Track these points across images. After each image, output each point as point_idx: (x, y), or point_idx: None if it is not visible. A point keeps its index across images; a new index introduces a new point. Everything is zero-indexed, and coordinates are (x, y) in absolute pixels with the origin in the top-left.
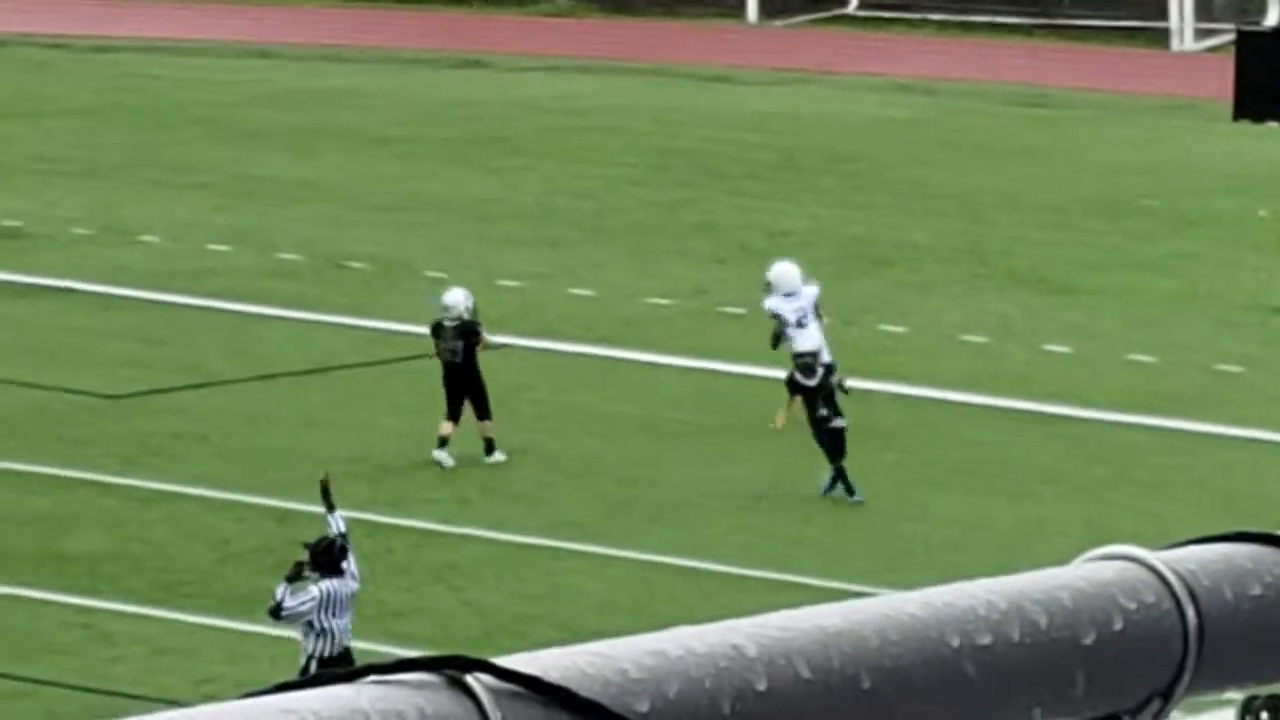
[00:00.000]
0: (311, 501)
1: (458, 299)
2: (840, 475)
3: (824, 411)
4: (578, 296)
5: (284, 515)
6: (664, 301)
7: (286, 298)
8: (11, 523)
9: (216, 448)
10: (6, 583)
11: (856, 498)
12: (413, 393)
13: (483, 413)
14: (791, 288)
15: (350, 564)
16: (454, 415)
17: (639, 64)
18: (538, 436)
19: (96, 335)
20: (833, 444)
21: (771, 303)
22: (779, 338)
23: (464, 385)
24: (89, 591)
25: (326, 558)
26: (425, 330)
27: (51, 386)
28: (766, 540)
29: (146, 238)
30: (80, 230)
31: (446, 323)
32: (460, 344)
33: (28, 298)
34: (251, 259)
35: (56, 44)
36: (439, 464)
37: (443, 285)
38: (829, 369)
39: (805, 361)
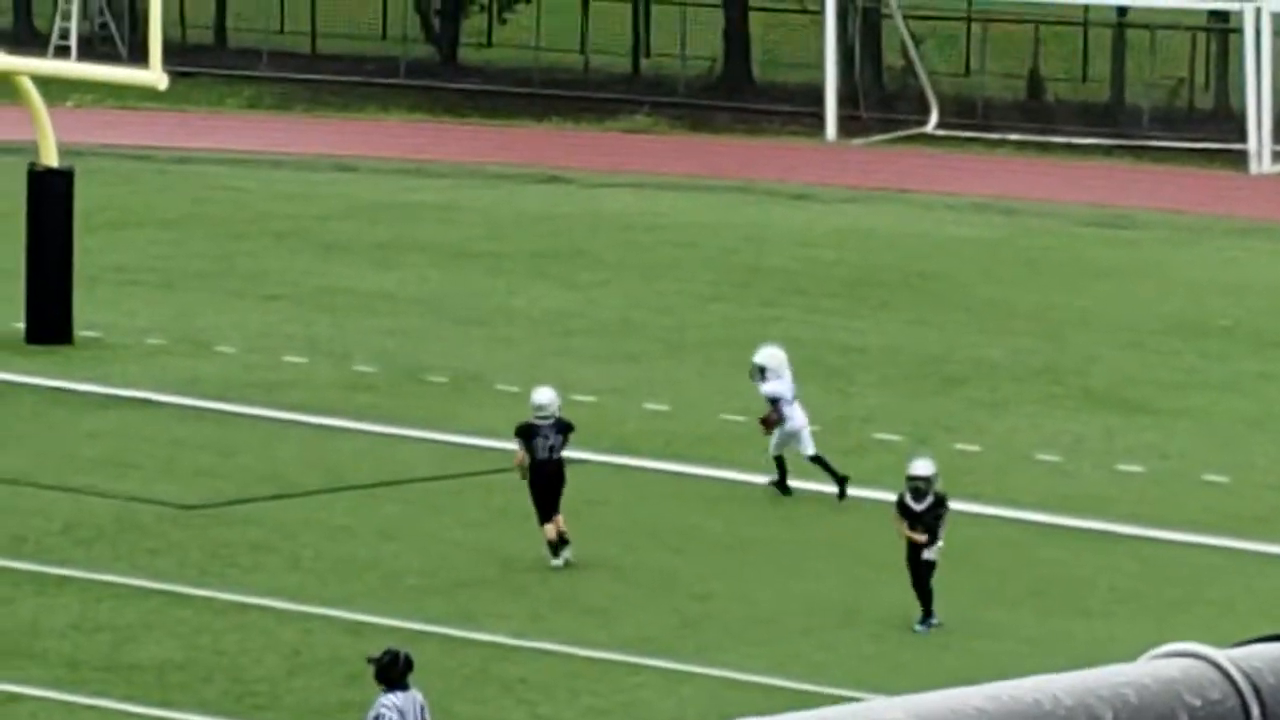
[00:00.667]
0: (384, 613)
1: (550, 396)
2: (924, 600)
3: (923, 538)
4: (654, 411)
5: (357, 627)
6: (740, 418)
7: (363, 410)
8: (83, 632)
9: (290, 559)
10: (77, 691)
11: (933, 621)
12: (485, 507)
13: (557, 509)
14: (783, 370)
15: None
16: (549, 516)
17: (719, 180)
18: (611, 551)
19: (175, 446)
20: (920, 573)
21: (772, 387)
22: (778, 422)
23: (554, 483)
24: (159, 702)
25: (390, 671)
26: (498, 445)
27: (130, 496)
28: (842, 659)
29: (223, 348)
30: (156, 340)
31: (538, 420)
32: (560, 439)
33: (110, 409)
34: (329, 371)
35: (141, 155)
36: (563, 565)
37: (519, 399)
38: (940, 499)
39: (917, 485)
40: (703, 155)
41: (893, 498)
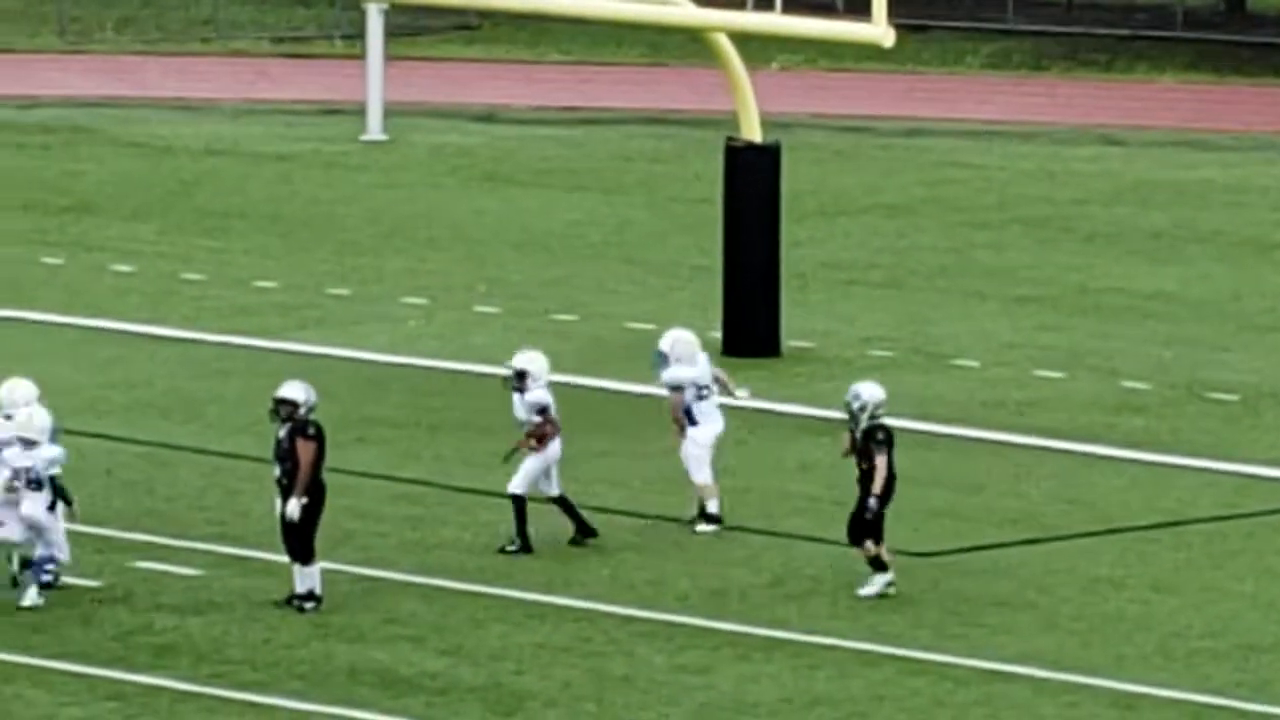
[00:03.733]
0: (1161, 683)
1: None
2: None
3: None
4: None
5: (1129, 700)
6: None
7: (1132, 436)
8: (796, 706)
9: (1046, 616)
10: None
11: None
12: None
13: None
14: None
15: None
16: None
17: None
18: None
19: (902, 480)
20: None
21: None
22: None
23: None
24: None
25: None
26: None
27: (843, 542)
28: None
29: (962, 361)
30: (880, 352)
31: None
32: None
33: (825, 435)
34: (1090, 388)
35: (860, 127)
36: None
37: None
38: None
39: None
40: None
41: None
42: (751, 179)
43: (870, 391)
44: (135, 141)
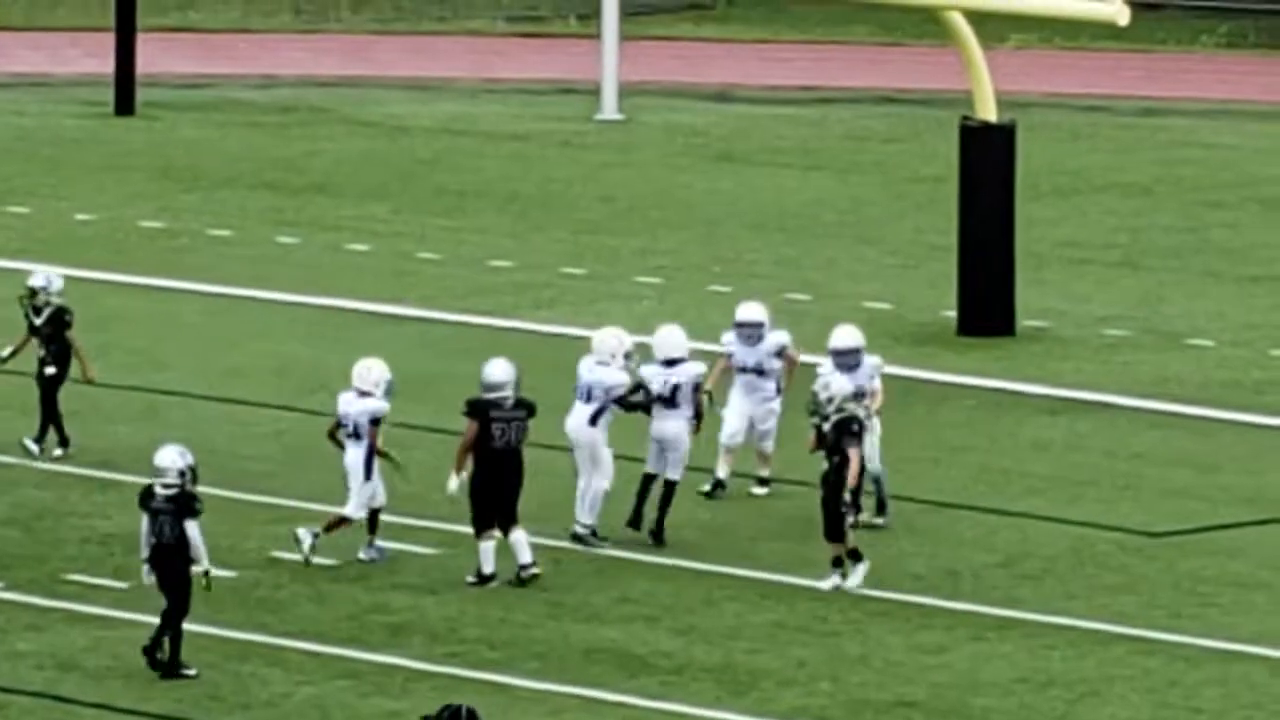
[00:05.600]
0: None
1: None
2: None
3: None
4: None
5: None
6: None
7: None
8: (1032, 686)
9: None
10: None
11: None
12: None
13: None
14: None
15: None
16: None
17: None
18: None
19: (1138, 460)
20: None
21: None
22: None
23: None
24: None
25: None
26: None
27: (1086, 522)
28: None
29: (1197, 341)
30: (1117, 332)
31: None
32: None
33: (1060, 415)
34: None
35: (1096, 106)
36: None
37: None
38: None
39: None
40: None
41: None
42: (986, 158)
43: (839, 383)
44: (370, 121)
